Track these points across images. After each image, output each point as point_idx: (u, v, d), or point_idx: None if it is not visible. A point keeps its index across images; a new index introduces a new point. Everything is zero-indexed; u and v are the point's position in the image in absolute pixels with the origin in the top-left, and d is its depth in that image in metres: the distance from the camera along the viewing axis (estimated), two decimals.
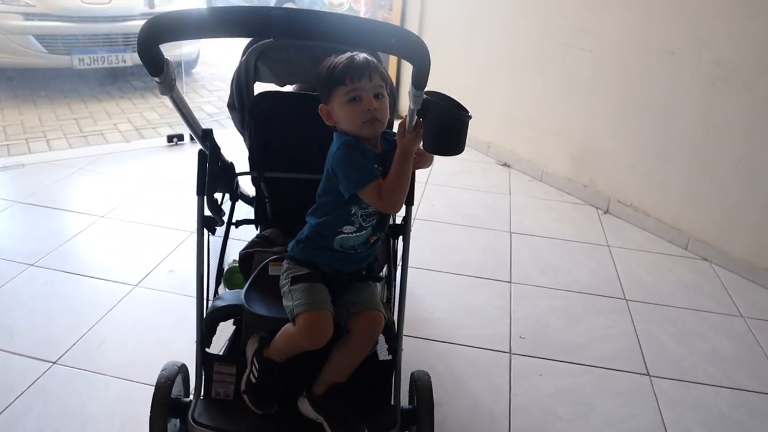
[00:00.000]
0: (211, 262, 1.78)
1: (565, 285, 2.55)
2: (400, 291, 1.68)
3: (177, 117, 4.35)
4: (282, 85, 1.72)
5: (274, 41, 1.61)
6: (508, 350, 2.13)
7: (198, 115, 4.75)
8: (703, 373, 2.09)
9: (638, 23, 2.98)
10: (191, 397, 1.57)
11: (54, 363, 1.95)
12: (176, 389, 1.62)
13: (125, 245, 2.69)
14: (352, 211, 1.46)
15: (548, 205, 3.35)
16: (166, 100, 1.24)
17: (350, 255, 1.53)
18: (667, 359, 2.15)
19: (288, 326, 1.47)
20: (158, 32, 0.97)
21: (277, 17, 0.94)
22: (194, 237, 1.59)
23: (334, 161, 1.42)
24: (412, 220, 2.45)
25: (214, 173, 1.48)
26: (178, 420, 1.58)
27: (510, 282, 2.55)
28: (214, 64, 6.54)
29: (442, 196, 3.38)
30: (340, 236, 1.49)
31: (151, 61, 1.02)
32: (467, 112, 1.23)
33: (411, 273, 2.55)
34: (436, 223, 3.04)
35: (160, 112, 4.77)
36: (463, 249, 2.81)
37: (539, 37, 3.51)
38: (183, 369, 1.65)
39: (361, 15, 5.05)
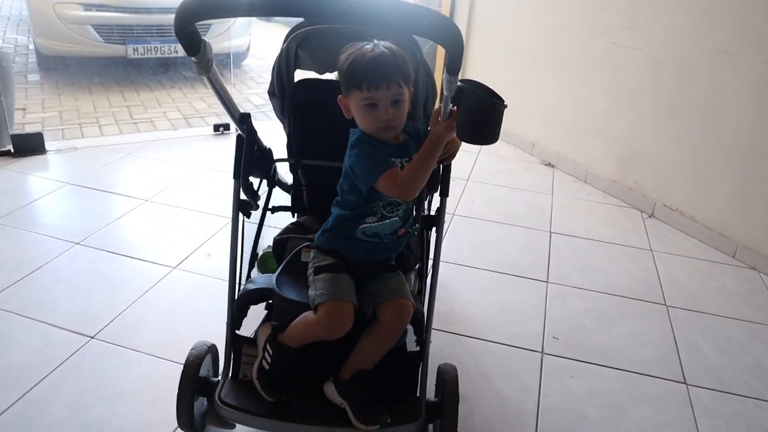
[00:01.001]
0: (246, 247, 1.81)
1: (603, 287, 2.49)
2: (431, 283, 1.66)
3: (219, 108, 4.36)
4: (321, 73, 1.73)
5: (313, 28, 1.62)
6: (540, 350, 2.09)
7: (245, 106, 4.87)
8: (744, 384, 2.00)
9: (694, 22, 2.87)
10: (220, 377, 1.60)
11: (91, 338, 2.01)
12: (205, 369, 1.65)
13: (167, 229, 2.76)
14: (374, 205, 1.46)
15: (591, 207, 3.28)
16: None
17: (375, 244, 1.52)
18: (706, 368, 2.07)
19: (308, 314, 1.47)
20: (194, 10, 0.99)
21: None
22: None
23: (351, 159, 1.42)
24: (449, 214, 2.41)
25: (249, 157, 1.50)
26: (205, 399, 1.62)
27: (547, 282, 2.50)
28: (263, 57, 6.65)
29: (483, 193, 3.34)
30: (363, 225, 1.49)
31: (188, 40, 1.04)
32: (503, 101, 1.21)
33: (448, 268, 2.57)
34: (475, 220, 3.01)
35: (208, 102, 4.87)
36: (501, 247, 2.77)
37: (587, 35, 3.43)
38: (213, 349, 1.68)
39: None
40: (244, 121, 1.47)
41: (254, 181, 1.72)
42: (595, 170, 3.53)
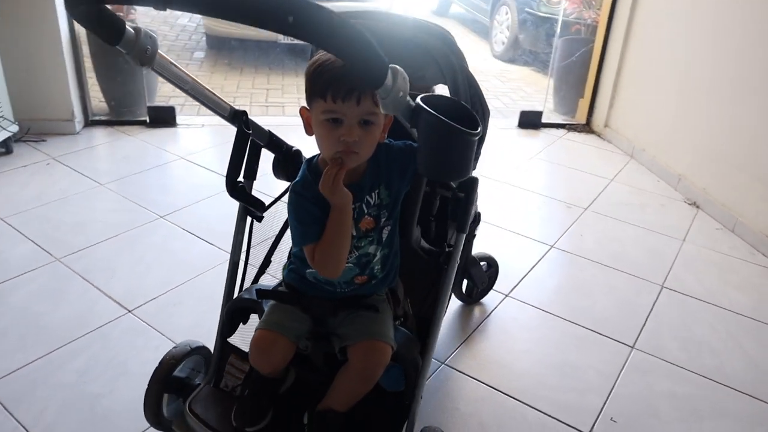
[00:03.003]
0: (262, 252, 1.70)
1: (704, 370, 1.99)
2: (431, 329, 1.41)
3: None
4: None
5: None
6: (588, 431, 1.71)
7: None
8: None
9: None
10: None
11: (129, 311, 2.05)
12: (187, 368, 1.60)
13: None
14: None
15: (729, 264, 2.68)
16: None
17: (328, 290, 1.33)
18: None
19: None
20: None
21: None
22: None
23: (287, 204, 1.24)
24: (545, 245, 2.07)
25: (237, 160, 1.36)
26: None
27: (632, 347, 2.07)
28: None
29: (599, 227, 2.90)
30: (310, 270, 1.30)
31: (97, 25, 0.91)
32: (476, 125, 0.93)
33: (516, 307, 2.24)
34: (575, 257, 2.61)
35: None
36: (593, 294, 2.36)
37: (752, 58, 2.80)
38: (203, 351, 1.60)
39: (564, 15, 4.58)
40: (235, 118, 1.34)
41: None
42: (747, 219, 2.89)
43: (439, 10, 9.08)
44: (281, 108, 4.42)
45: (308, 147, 1.38)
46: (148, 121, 3.70)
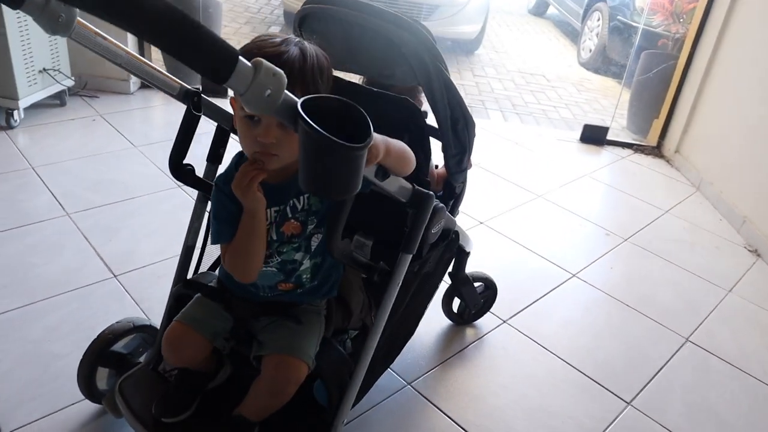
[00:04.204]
0: None
1: None
2: (361, 353, 1.29)
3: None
4: None
5: (311, 7, 1.33)
6: None
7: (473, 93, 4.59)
8: None
9: None
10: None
11: (114, 276, 2.06)
12: (132, 345, 1.57)
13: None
14: None
15: None
16: None
17: (252, 292, 1.23)
18: None
19: None
20: None
21: None
22: None
23: None
24: (566, 272, 1.92)
25: (183, 141, 1.29)
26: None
27: (628, 403, 1.85)
28: (502, 49, 6.30)
29: (633, 261, 2.64)
30: None
31: None
32: (365, 135, 0.80)
33: (508, 335, 2.07)
34: (595, 291, 2.38)
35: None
36: (601, 335, 2.14)
37: None
38: (149, 329, 1.57)
39: (652, 27, 4.22)
40: (186, 98, 1.27)
41: None
42: None
43: (535, 10, 8.71)
44: None
45: None
46: (200, 89, 3.73)
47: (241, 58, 0.71)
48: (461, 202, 1.69)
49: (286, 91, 0.78)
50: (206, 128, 1.39)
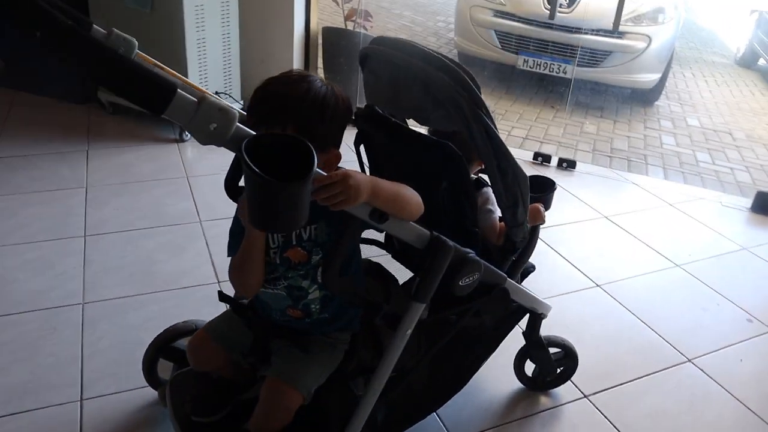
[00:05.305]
0: None
1: None
2: (363, 398, 1.27)
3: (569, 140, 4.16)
4: (370, 103, 1.45)
5: (372, 47, 1.36)
6: None
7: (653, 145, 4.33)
8: None
9: None
10: None
11: (217, 282, 2.26)
12: None
13: None
14: (269, 257, 1.19)
15: None
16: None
17: (267, 312, 1.28)
18: None
19: None
20: None
21: None
22: None
23: None
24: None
25: (235, 165, 1.39)
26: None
27: None
28: (688, 101, 5.74)
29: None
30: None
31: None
32: (306, 171, 0.80)
33: (586, 413, 1.91)
34: (710, 384, 2.04)
35: (569, 131, 4.56)
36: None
37: None
38: None
39: None
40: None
41: None
42: None
43: (743, 61, 7.81)
44: None
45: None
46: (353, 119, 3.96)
47: (180, 92, 0.77)
48: (527, 258, 1.58)
49: (240, 126, 0.82)
50: None
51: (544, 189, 1.67)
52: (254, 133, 0.84)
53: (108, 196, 2.77)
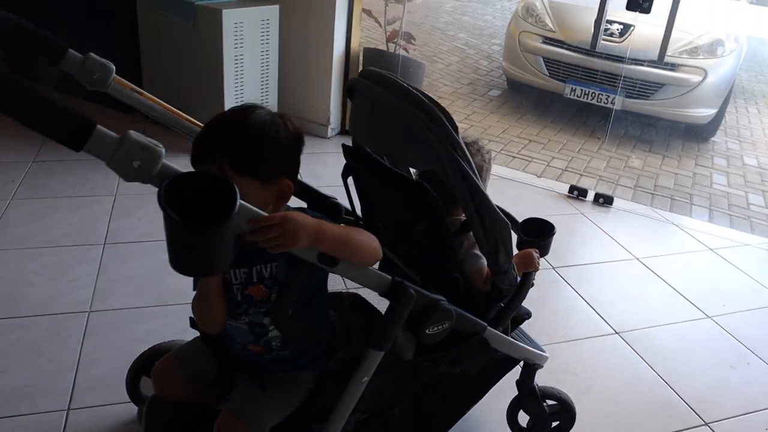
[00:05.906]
0: None
1: None
2: None
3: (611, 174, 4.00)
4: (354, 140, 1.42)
5: (358, 80, 1.33)
6: None
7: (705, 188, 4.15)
8: None
9: None
10: None
11: None
12: None
13: None
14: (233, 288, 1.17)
15: None
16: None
17: (234, 347, 1.27)
18: None
19: None
20: None
21: None
22: None
23: None
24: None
25: None
26: None
27: None
28: (747, 139, 5.44)
29: None
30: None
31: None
32: (226, 214, 0.77)
33: None
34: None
35: (612, 165, 4.40)
36: None
37: None
38: None
39: None
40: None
41: None
42: None
43: None
44: (527, 162, 4.22)
45: None
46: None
47: (100, 128, 0.76)
48: (516, 306, 1.50)
49: (167, 164, 0.81)
50: None
51: (543, 233, 1.59)
52: (182, 171, 0.82)
53: (134, 206, 2.84)
